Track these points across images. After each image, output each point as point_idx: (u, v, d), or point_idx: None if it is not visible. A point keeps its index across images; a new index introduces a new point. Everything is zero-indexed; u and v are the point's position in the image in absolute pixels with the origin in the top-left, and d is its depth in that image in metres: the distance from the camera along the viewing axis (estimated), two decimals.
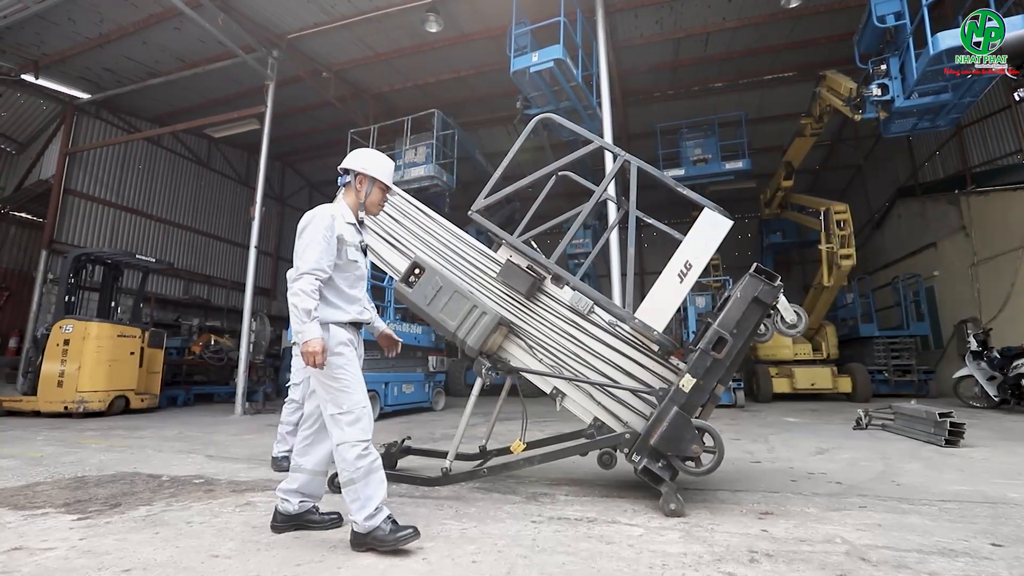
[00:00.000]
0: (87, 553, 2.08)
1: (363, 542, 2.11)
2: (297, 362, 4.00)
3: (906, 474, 3.49)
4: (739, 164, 11.38)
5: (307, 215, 2.32)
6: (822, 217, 9.41)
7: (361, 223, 2.56)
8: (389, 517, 2.13)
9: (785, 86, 11.55)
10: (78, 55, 9.87)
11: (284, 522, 2.37)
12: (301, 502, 2.36)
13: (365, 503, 2.10)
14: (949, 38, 6.00)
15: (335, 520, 2.44)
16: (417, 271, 3.11)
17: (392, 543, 2.07)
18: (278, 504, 2.38)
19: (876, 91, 7.11)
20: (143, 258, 9.29)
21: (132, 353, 8.37)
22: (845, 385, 9.79)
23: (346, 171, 2.51)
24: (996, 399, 7.40)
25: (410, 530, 2.10)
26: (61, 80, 10.72)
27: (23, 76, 10.23)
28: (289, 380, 4.04)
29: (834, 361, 10.36)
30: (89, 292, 9.38)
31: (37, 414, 7.62)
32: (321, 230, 2.25)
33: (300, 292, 2.16)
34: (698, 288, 10.48)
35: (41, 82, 10.44)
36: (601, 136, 7.42)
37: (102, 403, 7.71)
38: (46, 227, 10.80)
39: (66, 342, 7.79)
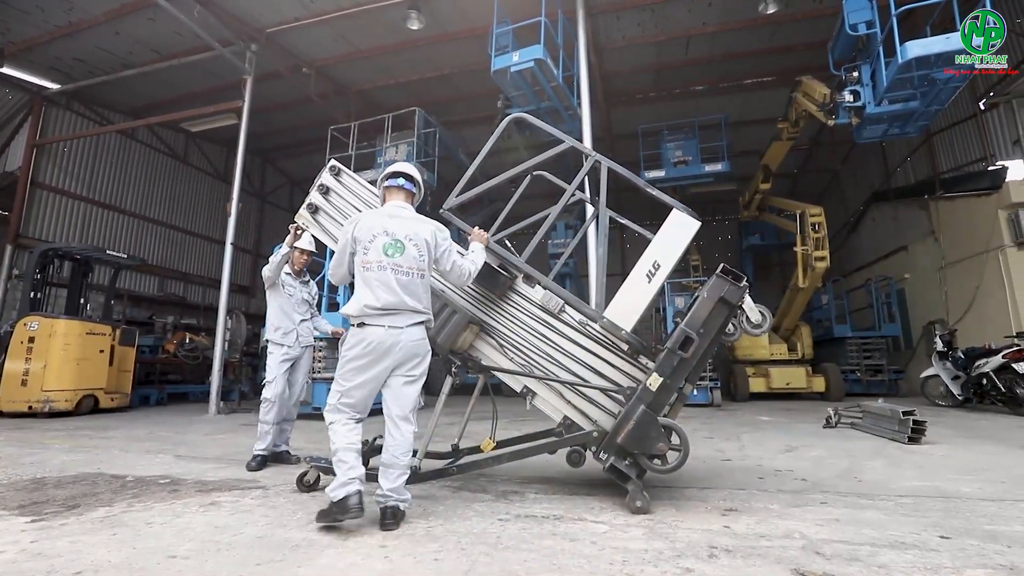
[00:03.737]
0: (37, 556, 2.02)
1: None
2: (271, 359, 3.95)
3: (869, 471, 3.59)
4: (719, 166, 11.56)
5: (440, 227, 2.66)
6: (797, 220, 9.61)
7: None
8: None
9: (764, 91, 11.76)
10: (47, 44, 9.58)
11: None
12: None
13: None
14: (917, 47, 6.18)
15: None
16: None
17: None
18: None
19: (848, 97, 7.29)
20: (113, 254, 9.07)
21: (102, 351, 8.16)
22: (819, 385, 10.02)
23: (412, 179, 2.72)
24: (960, 398, 7.64)
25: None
26: (29, 69, 10.38)
27: None
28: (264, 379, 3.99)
29: (809, 361, 10.59)
30: (57, 288, 9.12)
31: None
32: None
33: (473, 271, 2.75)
34: (679, 288, 10.61)
35: (7, 71, 10.10)
36: (580, 137, 7.47)
37: (69, 403, 7.50)
38: (11, 221, 10.44)
39: (31, 340, 7.56)
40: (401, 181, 2.67)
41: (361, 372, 2.42)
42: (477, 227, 3.06)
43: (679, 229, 2.85)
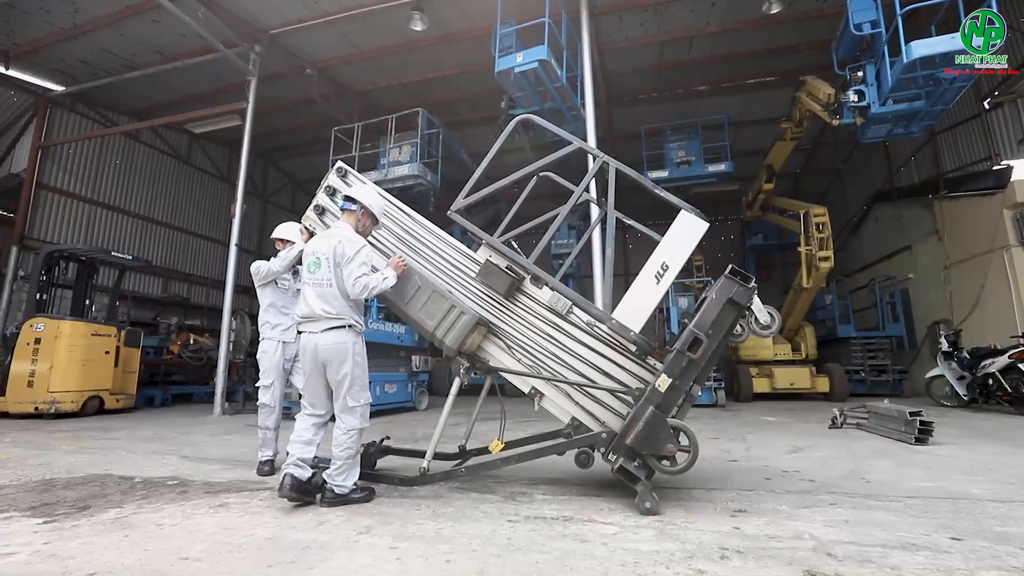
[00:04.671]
0: (51, 557, 2.03)
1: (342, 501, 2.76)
2: (266, 360, 3.80)
3: (876, 471, 3.58)
4: (722, 167, 11.55)
5: (347, 239, 2.88)
6: (801, 220, 9.59)
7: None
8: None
9: (766, 91, 11.74)
10: (51, 46, 9.61)
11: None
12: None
13: (350, 474, 2.78)
14: (922, 47, 6.16)
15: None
16: None
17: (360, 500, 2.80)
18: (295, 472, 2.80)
19: (853, 97, 7.27)
20: (119, 255, 9.10)
21: (107, 352, 8.18)
22: (823, 385, 9.98)
23: (352, 200, 3.02)
24: (965, 398, 7.62)
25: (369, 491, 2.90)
26: (33, 71, 10.41)
27: None
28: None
29: (813, 361, 10.55)
30: (62, 290, 9.14)
31: (5, 415, 7.40)
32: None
33: (374, 287, 2.85)
34: (681, 289, 10.60)
35: (12, 73, 10.13)
36: (584, 137, 7.47)
37: (75, 404, 7.52)
38: (17, 222, 10.48)
39: (37, 341, 7.58)
40: (342, 203, 3.10)
41: (304, 371, 2.91)
42: (394, 256, 3.17)
43: (687, 230, 2.85)
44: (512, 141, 3.36)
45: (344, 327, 2.81)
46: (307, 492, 2.79)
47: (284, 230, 3.92)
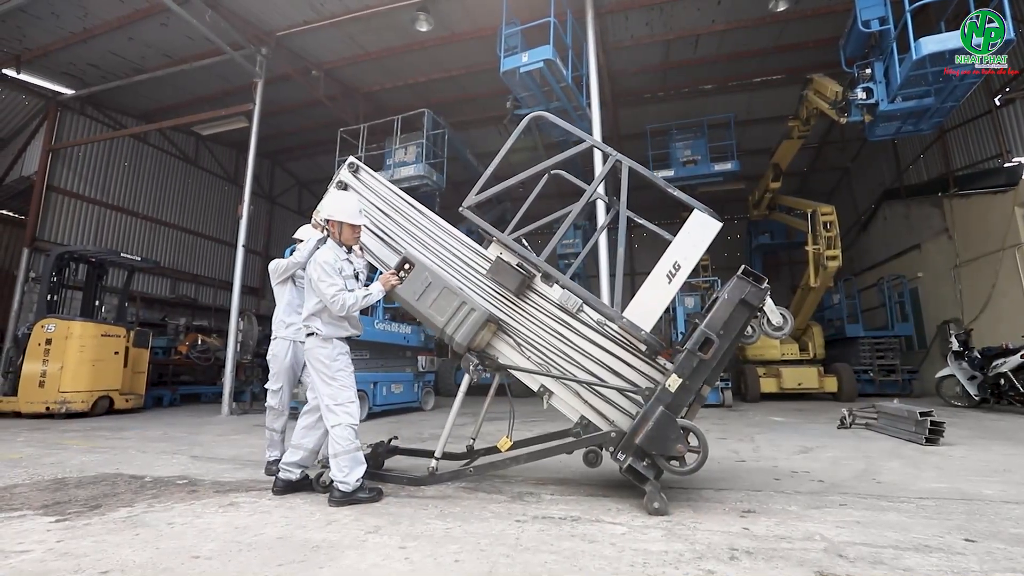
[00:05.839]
0: (64, 555, 2.05)
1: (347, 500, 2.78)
2: (275, 364, 3.77)
3: (887, 472, 3.54)
4: (728, 165, 11.48)
5: (315, 260, 2.96)
6: (809, 219, 9.52)
7: (349, 249, 3.15)
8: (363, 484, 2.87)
9: (773, 89, 11.67)
10: (61, 50, 9.71)
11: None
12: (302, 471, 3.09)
13: (352, 471, 2.78)
14: (932, 43, 6.10)
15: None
16: (407, 266, 3.12)
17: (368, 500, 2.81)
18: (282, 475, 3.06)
19: (861, 95, 7.20)
20: (128, 256, 9.18)
21: (116, 353, 8.26)
22: (831, 385, 9.91)
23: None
24: (976, 398, 7.54)
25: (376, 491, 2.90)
26: (44, 75, 10.53)
27: (4, 71, 10.05)
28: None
29: (820, 361, 10.48)
30: (72, 291, 9.23)
31: (18, 415, 7.49)
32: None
33: (352, 304, 2.89)
34: (687, 288, 10.55)
35: (23, 77, 10.26)
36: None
37: (85, 403, 7.60)
38: (28, 224, 10.61)
39: (48, 341, 7.67)
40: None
41: None
42: (386, 272, 3.15)
43: (701, 229, 2.83)
44: (520, 140, 3.35)
45: (310, 335, 3.00)
46: (298, 490, 3.06)
47: (305, 231, 3.93)
